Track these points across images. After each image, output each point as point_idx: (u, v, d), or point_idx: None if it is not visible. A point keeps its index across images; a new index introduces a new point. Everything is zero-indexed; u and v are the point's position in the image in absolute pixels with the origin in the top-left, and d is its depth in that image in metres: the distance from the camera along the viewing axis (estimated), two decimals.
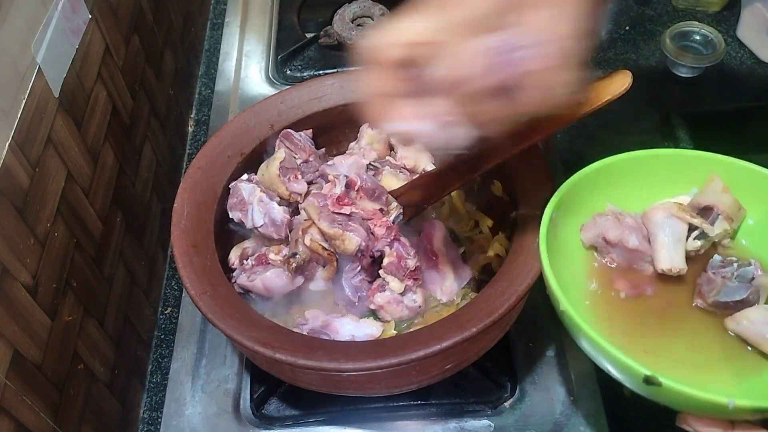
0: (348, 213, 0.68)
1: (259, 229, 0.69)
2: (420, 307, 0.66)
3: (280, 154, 0.71)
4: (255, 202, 0.69)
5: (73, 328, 0.69)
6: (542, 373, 0.70)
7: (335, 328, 0.65)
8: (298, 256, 0.67)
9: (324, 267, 0.69)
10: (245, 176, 0.71)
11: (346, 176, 0.69)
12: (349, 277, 0.68)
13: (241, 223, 0.70)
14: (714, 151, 0.96)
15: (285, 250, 0.68)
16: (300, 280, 0.68)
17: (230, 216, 0.70)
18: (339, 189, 0.68)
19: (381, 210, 0.69)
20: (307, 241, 0.67)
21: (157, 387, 0.85)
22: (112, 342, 0.77)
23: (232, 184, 0.70)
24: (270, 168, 0.72)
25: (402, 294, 0.65)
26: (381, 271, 0.65)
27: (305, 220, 0.69)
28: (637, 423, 0.79)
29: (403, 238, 0.67)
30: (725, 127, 1.09)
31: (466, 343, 0.56)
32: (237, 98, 0.97)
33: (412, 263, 0.66)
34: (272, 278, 0.67)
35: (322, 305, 0.69)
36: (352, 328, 0.65)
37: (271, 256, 0.67)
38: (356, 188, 0.68)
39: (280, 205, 0.70)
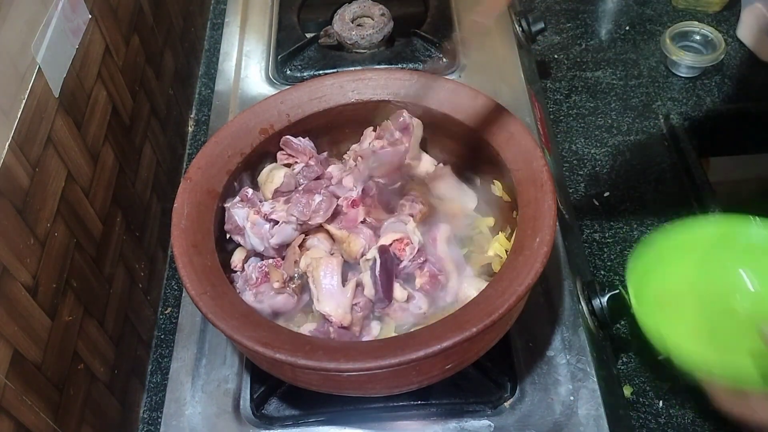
0: (362, 219, 0.68)
1: (261, 252, 0.69)
2: (424, 313, 0.66)
3: (279, 178, 0.71)
4: (248, 228, 0.68)
5: (73, 328, 0.69)
6: (542, 373, 0.70)
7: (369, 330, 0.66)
8: (297, 278, 0.67)
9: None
10: (237, 199, 0.70)
11: (363, 182, 0.70)
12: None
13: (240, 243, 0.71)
14: (714, 151, 0.96)
15: (285, 273, 0.68)
16: (306, 297, 0.68)
17: (230, 237, 0.70)
18: (356, 193, 0.69)
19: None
20: (303, 265, 0.67)
21: (157, 387, 0.85)
22: (112, 342, 0.77)
23: (227, 206, 0.70)
24: (265, 189, 0.72)
25: (406, 301, 0.66)
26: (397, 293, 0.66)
27: (298, 236, 0.69)
28: (637, 423, 0.79)
29: (430, 256, 0.67)
30: (725, 127, 1.09)
31: (466, 343, 0.56)
32: (237, 98, 0.97)
33: (444, 278, 0.66)
34: (281, 303, 0.67)
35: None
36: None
37: (275, 285, 0.67)
38: (371, 194, 0.69)
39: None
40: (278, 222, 0.68)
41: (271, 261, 0.69)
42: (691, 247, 0.72)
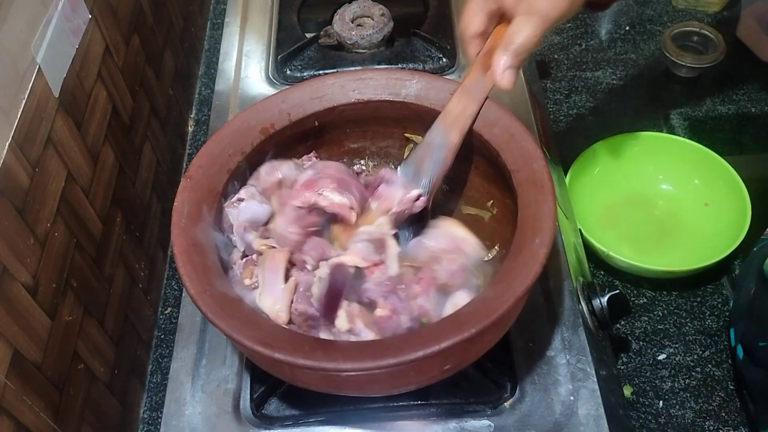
0: (304, 205, 0.66)
1: (245, 252, 0.69)
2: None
3: (278, 174, 0.71)
4: (235, 226, 0.68)
5: (73, 328, 0.69)
6: (542, 373, 0.70)
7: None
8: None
9: None
10: (234, 198, 0.70)
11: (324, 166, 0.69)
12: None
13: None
14: (714, 151, 0.96)
15: (256, 271, 0.67)
16: None
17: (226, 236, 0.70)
18: (306, 175, 0.67)
19: (351, 208, 0.66)
20: (257, 246, 0.66)
21: (157, 387, 0.85)
22: (112, 342, 0.77)
23: (225, 205, 0.69)
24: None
25: (348, 331, 0.62)
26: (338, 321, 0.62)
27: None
28: (637, 423, 0.79)
29: (400, 292, 0.63)
30: (725, 127, 1.09)
31: (465, 343, 0.55)
32: (237, 98, 0.97)
33: (406, 319, 0.62)
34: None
35: None
36: None
37: (245, 282, 0.66)
38: (327, 175, 0.67)
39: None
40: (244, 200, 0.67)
41: (254, 257, 0.68)
42: (622, 160, 0.99)
